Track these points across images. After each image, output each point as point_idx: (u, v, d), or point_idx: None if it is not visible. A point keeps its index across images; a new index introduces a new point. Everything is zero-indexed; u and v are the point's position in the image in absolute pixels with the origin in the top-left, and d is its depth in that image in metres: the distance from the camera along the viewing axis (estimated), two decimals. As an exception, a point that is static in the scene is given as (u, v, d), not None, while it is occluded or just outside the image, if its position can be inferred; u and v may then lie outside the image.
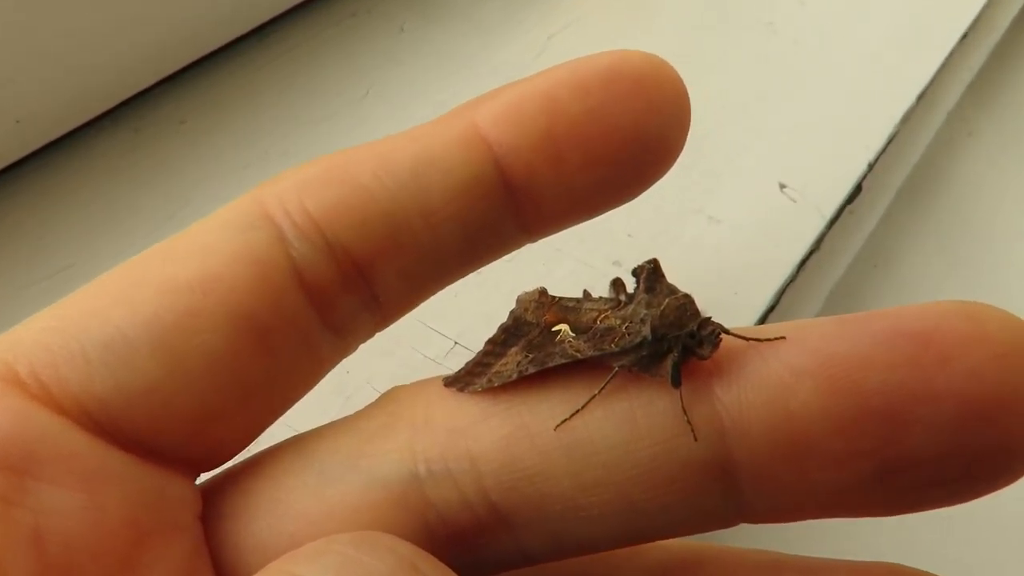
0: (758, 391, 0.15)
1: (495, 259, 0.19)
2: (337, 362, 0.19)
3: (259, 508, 0.17)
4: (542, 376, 0.17)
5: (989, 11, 0.46)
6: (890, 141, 0.38)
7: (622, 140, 0.16)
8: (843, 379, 0.14)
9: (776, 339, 0.15)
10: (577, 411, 0.16)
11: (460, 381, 0.18)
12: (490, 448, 0.16)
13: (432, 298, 0.31)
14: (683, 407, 0.15)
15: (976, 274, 0.45)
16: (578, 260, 0.32)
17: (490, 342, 0.20)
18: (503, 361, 0.18)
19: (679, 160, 0.39)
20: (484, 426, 0.17)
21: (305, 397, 0.29)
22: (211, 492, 0.18)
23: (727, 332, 0.16)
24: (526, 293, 0.20)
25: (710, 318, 0.16)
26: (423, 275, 0.18)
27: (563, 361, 0.17)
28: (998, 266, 0.46)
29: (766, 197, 0.34)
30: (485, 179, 0.17)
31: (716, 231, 0.33)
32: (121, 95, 0.32)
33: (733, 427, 0.15)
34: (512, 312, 0.20)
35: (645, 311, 0.17)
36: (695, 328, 0.16)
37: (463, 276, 0.19)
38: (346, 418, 0.18)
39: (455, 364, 0.30)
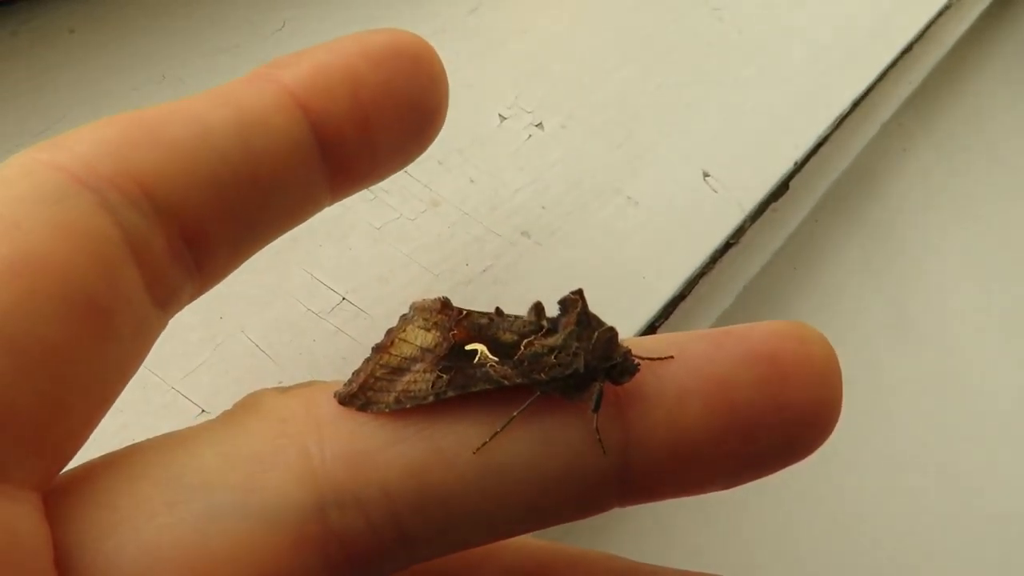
0: (657, 410, 0.17)
1: (302, 222, 0.19)
2: (152, 343, 0.17)
3: (124, 551, 0.14)
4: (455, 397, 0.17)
5: (935, 29, 0.45)
6: (821, 143, 0.37)
7: (410, 108, 0.18)
8: (721, 397, 0.17)
9: (665, 358, 0.17)
10: (497, 433, 0.16)
11: (358, 398, 0.17)
12: (403, 474, 0.16)
13: (324, 250, 0.29)
14: (596, 426, 0.17)
15: (893, 287, 0.45)
16: (487, 228, 0.31)
17: (381, 350, 0.18)
18: (408, 378, 0.17)
19: (605, 137, 0.37)
20: (394, 451, 0.16)
21: (175, 346, 0.27)
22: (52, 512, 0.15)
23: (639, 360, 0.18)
24: (424, 301, 0.19)
25: (630, 350, 0.17)
26: (245, 242, 0.17)
27: (486, 387, 0.17)
28: (916, 282, 0.46)
29: (688, 184, 0.33)
30: (305, 143, 0.17)
31: (633, 213, 0.32)
32: (0, -8, 0.29)
33: (636, 441, 0.17)
34: (405, 317, 0.19)
35: (577, 344, 0.17)
36: (619, 360, 0.17)
37: (272, 241, 0.18)
38: (220, 430, 0.16)
39: (341, 321, 0.28)
